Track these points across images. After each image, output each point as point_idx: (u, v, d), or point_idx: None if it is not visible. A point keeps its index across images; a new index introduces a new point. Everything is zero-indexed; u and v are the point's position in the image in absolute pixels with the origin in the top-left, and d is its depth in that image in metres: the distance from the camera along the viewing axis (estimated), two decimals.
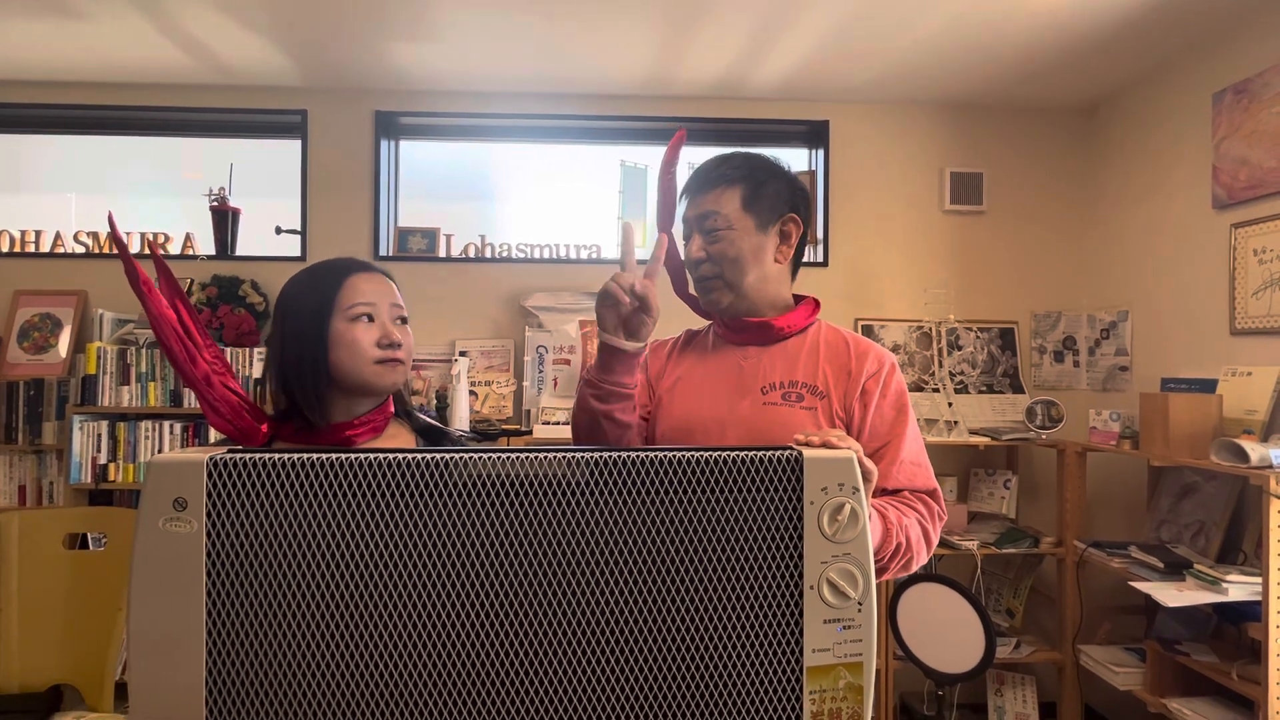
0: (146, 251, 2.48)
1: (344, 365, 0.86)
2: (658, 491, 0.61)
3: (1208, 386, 1.97)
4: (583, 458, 0.61)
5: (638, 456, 0.61)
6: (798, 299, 1.04)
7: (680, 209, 1.04)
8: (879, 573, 0.87)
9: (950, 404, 2.37)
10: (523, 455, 0.61)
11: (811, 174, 2.60)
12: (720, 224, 0.97)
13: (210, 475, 0.59)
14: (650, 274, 0.90)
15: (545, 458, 0.61)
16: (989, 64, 2.26)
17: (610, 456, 0.61)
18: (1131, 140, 2.40)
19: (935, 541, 0.93)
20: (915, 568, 0.91)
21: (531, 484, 0.60)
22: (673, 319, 1.14)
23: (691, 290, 1.06)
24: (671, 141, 1.05)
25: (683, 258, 1.03)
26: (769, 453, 0.62)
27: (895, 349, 2.53)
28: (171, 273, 0.87)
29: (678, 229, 1.05)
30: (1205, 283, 2.08)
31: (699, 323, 1.10)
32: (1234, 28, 2.00)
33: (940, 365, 2.46)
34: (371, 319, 0.88)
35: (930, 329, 2.51)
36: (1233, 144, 1.99)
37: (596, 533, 0.60)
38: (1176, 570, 1.78)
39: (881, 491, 0.93)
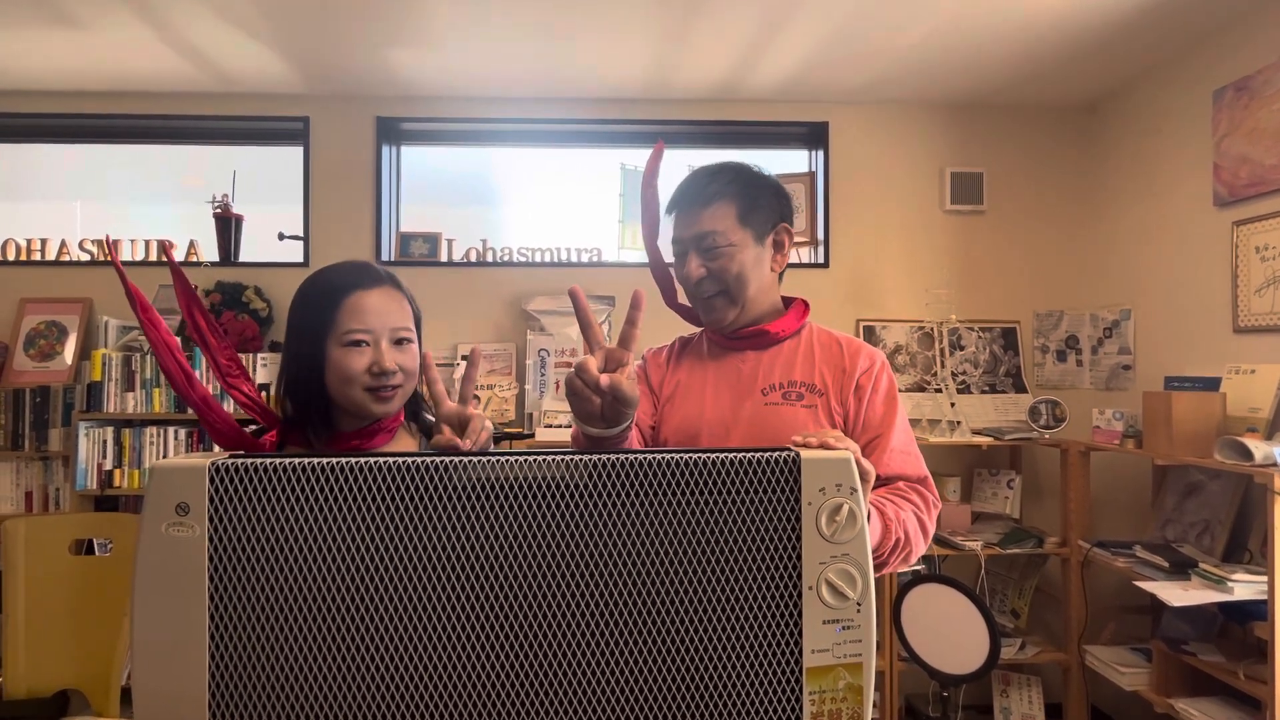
0: (161, 258, 2.50)
1: (336, 391, 0.86)
2: (657, 493, 0.61)
3: (1211, 385, 1.96)
4: (582, 460, 0.61)
5: (637, 459, 0.61)
6: (786, 301, 1.07)
7: (668, 224, 1.03)
8: (879, 568, 0.88)
9: (953, 404, 2.36)
10: (522, 458, 0.61)
11: (811, 175, 2.61)
12: (720, 242, 0.97)
13: (212, 480, 0.59)
14: (626, 340, 0.76)
15: (544, 460, 0.61)
16: (988, 63, 2.26)
17: (610, 459, 0.61)
18: (1132, 138, 2.40)
19: (932, 531, 0.95)
20: (915, 560, 0.93)
21: (531, 486, 0.60)
22: (666, 329, 1.14)
23: (681, 300, 1.07)
24: (652, 154, 1.06)
25: (677, 276, 1.03)
26: (766, 454, 0.62)
27: (897, 349, 2.53)
28: (186, 279, 0.87)
29: (667, 245, 1.06)
30: (1208, 281, 2.08)
31: (688, 329, 1.12)
32: (1234, 25, 2.00)
33: (942, 365, 2.46)
34: (367, 344, 0.85)
35: (932, 329, 2.50)
36: (1234, 141, 1.99)
37: (596, 534, 0.60)
38: (1182, 569, 1.77)
39: (875, 480, 0.95)
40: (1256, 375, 1.87)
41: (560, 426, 2.23)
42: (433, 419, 0.99)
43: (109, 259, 2.49)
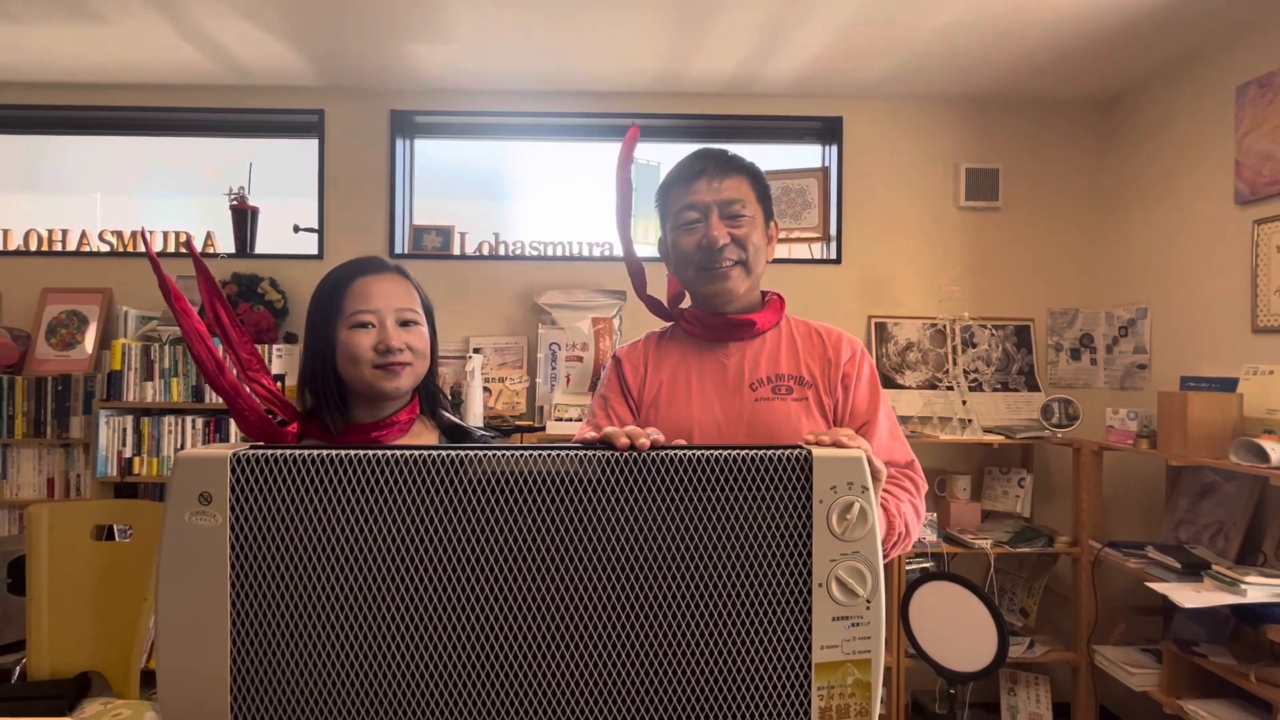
0: (181, 249, 2.53)
1: (347, 373, 0.88)
2: (669, 489, 0.62)
3: (1228, 385, 1.94)
4: (596, 455, 0.62)
5: (650, 454, 0.62)
6: (763, 295, 1.07)
7: (675, 193, 1.00)
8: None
9: (964, 402, 2.35)
10: (536, 452, 0.62)
11: (824, 170, 2.59)
12: (747, 210, 0.98)
13: (234, 471, 0.60)
14: None
15: (558, 455, 0.62)
16: (1006, 57, 2.23)
17: (622, 455, 0.62)
18: (1152, 135, 2.37)
19: (924, 513, 0.98)
20: (910, 545, 0.95)
21: (545, 480, 0.61)
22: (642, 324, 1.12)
23: (647, 291, 1.07)
24: (625, 139, 1.05)
25: (676, 248, 1.00)
26: (779, 451, 0.63)
27: (909, 346, 2.51)
28: (209, 273, 0.90)
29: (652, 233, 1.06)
30: (1226, 279, 2.05)
31: (658, 324, 1.10)
32: (1258, 19, 1.96)
33: (954, 363, 2.45)
34: (372, 325, 0.88)
35: (944, 326, 2.49)
36: (1256, 138, 1.95)
37: (610, 528, 0.61)
38: (1194, 571, 1.76)
39: None
40: (1275, 376, 1.85)
41: (571, 420, 2.24)
42: (450, 415, 1.00)
43: (128, 250, 2.52)
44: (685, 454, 0.62)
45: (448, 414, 1.00)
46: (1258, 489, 1.87)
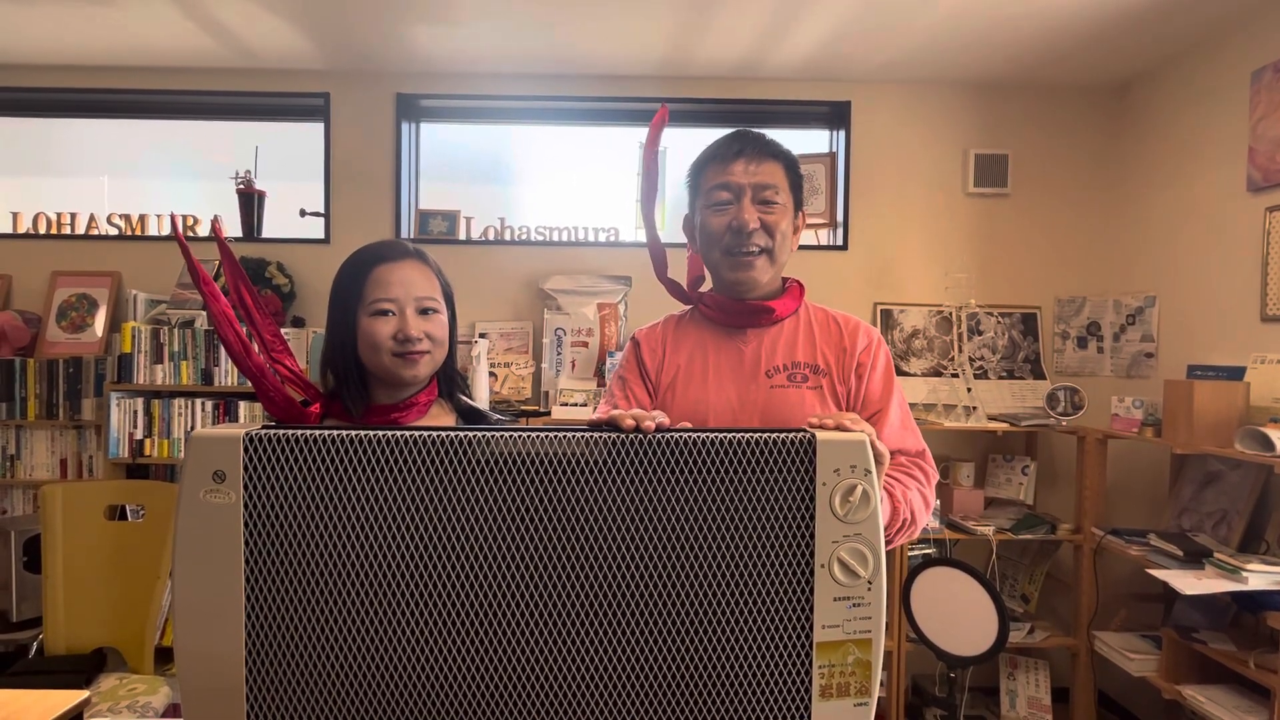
0: (189, 234, 2.54)
1: (367, 358, 0.90)
2: (675, 471, 0.62)
3: (1235, 374, 1.93)
4: (603, 437, 0.63)
5: (655, 437, 0.63)
6: (783, 281, 1.07)
7: (709, 171, 1.00)
8: (886, 544, 0.90)
9: (969, 389, 2.35)
10: (543, 434, 0.63)
11: (832, 156, 2.57)
12: (779, 198, 0.98)
13: (247, 450, 0.62)
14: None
15: (565, 437, 0.63)
16: (1017, 41, 2.21)
17: (629, 437, 0.63)
18: (1164, 120, 2.34)
19: (933, 503, 0.98)
20: (917, 534, 0.96)
21: (552, 462, 0.62)
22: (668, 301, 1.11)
23: (668, 274, 1.06)
24: (654, 119, 1.05)
25: (704, 227, 1.00)
26: (783, 434, 0.63)
27: (914, 334, 2.51)
28: (234, 256, 0.91)
29: (680, 206, 1.06)
30: (1236, 267, 2.04)
31: (676, 307, 1.11)
32: (1275, 3, 1.92)
33: (960, 350, 2.44)
34: (392, 313, 0.89)
35: (951, 313, 2.48)
36: (1271, 124, 1.93)
37: (616, 509, 0.62)
38: (1196, 558, 1.77)
39: None
40: None
41: (575, 405, 2.26)
42: (468, 398, 1.01)
43: (137, 233, 2.53)
44: (690, 436, 0.63)
45: (466, 398, 1.01)
46: (1262, 478, 1.87)
